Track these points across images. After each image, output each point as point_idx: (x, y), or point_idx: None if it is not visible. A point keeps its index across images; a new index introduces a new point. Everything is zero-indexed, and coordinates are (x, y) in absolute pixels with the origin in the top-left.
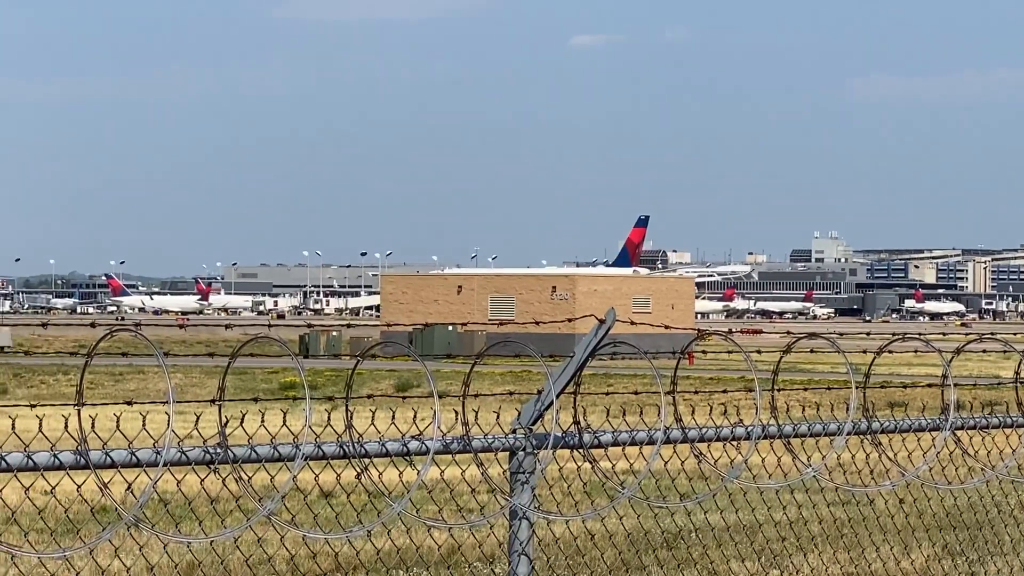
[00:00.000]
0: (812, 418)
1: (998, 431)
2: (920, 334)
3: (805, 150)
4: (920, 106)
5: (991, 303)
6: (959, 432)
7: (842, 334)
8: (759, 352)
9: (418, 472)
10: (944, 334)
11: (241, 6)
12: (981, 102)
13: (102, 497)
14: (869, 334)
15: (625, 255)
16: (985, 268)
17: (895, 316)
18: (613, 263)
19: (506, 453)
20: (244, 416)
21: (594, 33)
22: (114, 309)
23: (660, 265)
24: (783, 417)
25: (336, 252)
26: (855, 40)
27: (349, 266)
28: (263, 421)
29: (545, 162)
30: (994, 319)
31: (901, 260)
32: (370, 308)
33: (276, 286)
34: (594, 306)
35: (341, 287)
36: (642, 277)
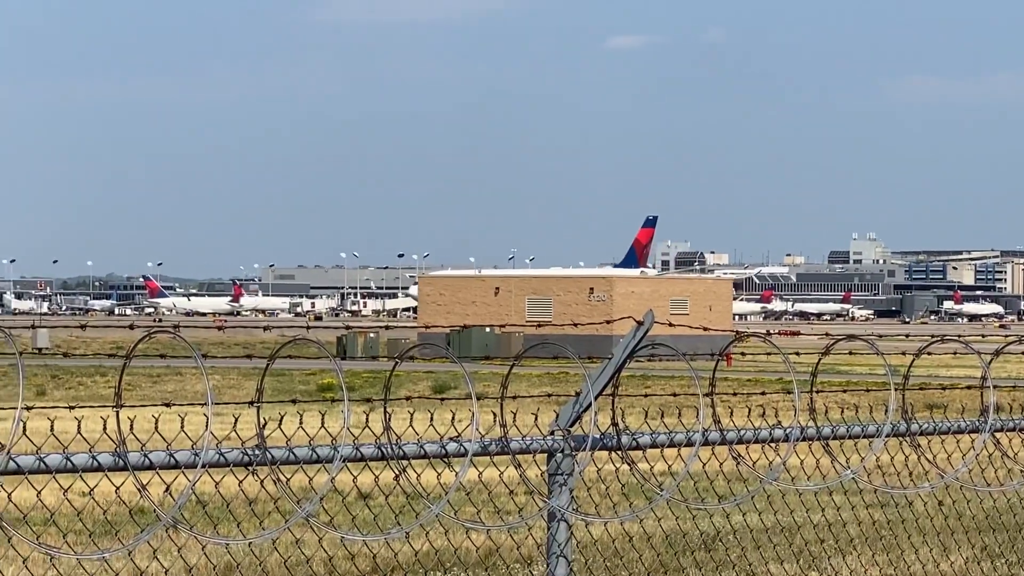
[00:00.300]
0: (851, 420)
1: None
2: (959, 336)
3: (843, 152)
4: (958, 107)
5: None
6: (998, 434)
7: (881, 336)
8: (797, 354)
9: (456, 474)
10: (983, 335)
11: (276, 8)
12: (1019, 103)
13: (140, 498)
14: (908, 336)
15: (632, 256)
16: None
17: (933, 318)
18: (619, 264)
19: (544, 455)
20: (282, 418)
21: (631, 34)
22: (152, 311)
23: (698, 266)
24: (822, 419)
25: (373, 254)
26: (893, 41)
27: (386, 268)
28: (301, 423)
29: (582, 163)
30: None
31: (939, 261)
32: (407, 310)
33: (313, 287)
34: (631, 308)
35: (378, 288)
36: (680, 278)
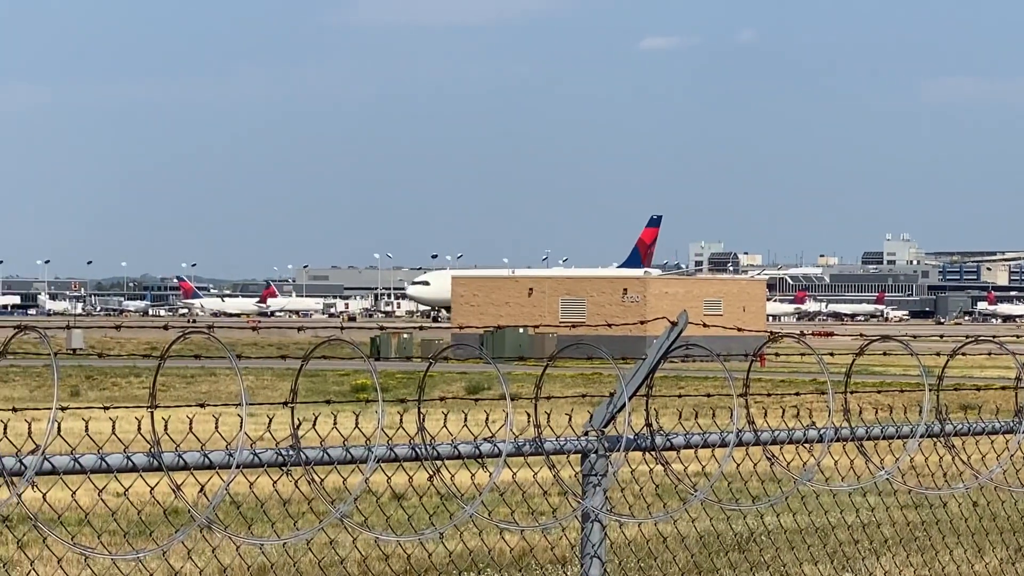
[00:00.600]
0: (885, 420)
1: None
2: (993, 336)
3: (877, 152)
4: (991, 107)
5: None
6: None
7: (915, 336)
8: (831, 354)
9: (490, 474)
10: (1017, 336)
11: (309, 9)
12: None
13: (175, 499)
14: (942, 336)
15: (636, 256)
16: None
17: (967, 318)
18: (622, 264)
19: (578, 455)
20: (316, 418)
21: (664, 35)
22: (185, 311)
23: (731, 267)
24: (855, 420)
25: (407, 254)
26: (928, 41)
27: (420, 268)
28: (335, 423)
29: (616, 164)
30: None
31: (973, 262)
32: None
33: (347, 288)
34: (665, 308)
35: None
36: (714, 279)
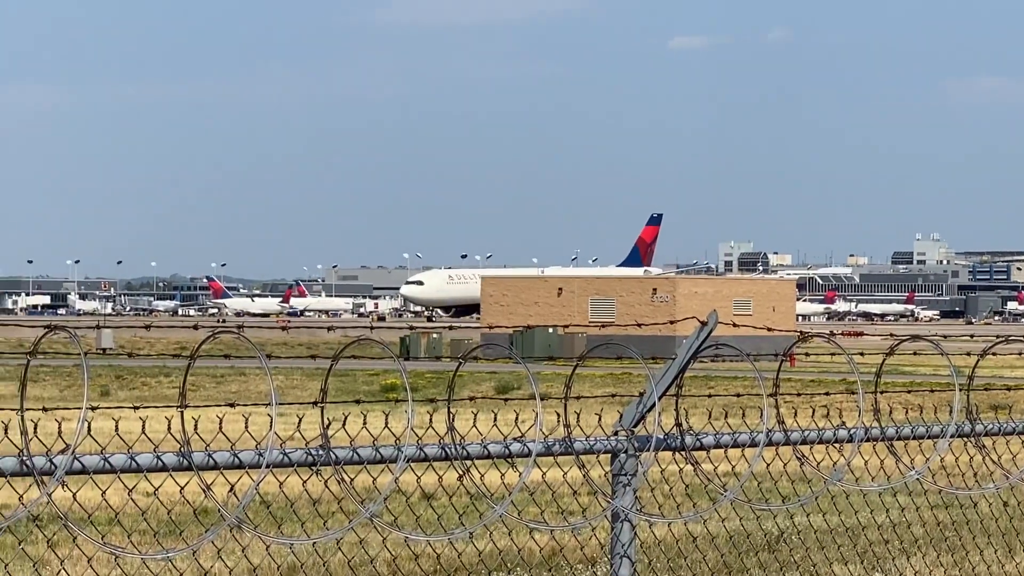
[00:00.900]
0: (915, 420)
1: None
2: None
3: (906, 152)
4: (1021, 107)
5: None
6: None
7: (945, 336)
8: (861, 354)
9: (520, 474)
10: None
11: (339, 8)
12: None
13: (205, 498)
14: (972, 336)
15: (636, 254)
16: None
17: (997, 318)
18: (622, 263)
19: (608, 455)
20: (346, 418)
21: (694, 34)
22: (215, 311)
23: (761, 267)
24: (886, 419)
25: (436, 254)
26: (956, 41)
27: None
28: (365, 423)
29: (645, 163)
30: None
31: (1003, 262)
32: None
33: (376, 288)
34: (694, 308)
35: None
36: (743, 279)
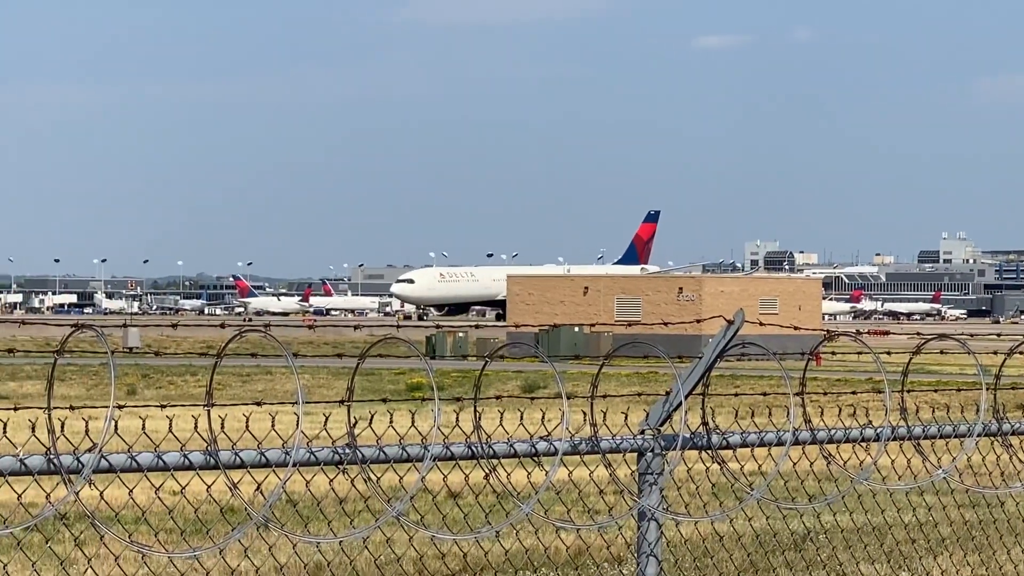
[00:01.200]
0: (942, 419)
1: None
2: None
3: (933, 151)
4: None
5: None
6: None
7: (972, 335)
8: (888, 353)
9: (546, 473)
10: None
11: (365, 8)
12: None
13: (231, 497)
14: (999, 335)
15: (632, 252)
16: None
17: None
18: (618, 261)
19: (634, 454)
20: (372, 417)
21: (718, 34)
22: (241, 310)
23: (787, 266)
24: (912, 419)
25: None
26: (982, 39)
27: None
28: (391, 422)
29: (669, 162)
30: None
31: None
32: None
33: None
34: (721, 307)
35: None
36: (769, 278)
